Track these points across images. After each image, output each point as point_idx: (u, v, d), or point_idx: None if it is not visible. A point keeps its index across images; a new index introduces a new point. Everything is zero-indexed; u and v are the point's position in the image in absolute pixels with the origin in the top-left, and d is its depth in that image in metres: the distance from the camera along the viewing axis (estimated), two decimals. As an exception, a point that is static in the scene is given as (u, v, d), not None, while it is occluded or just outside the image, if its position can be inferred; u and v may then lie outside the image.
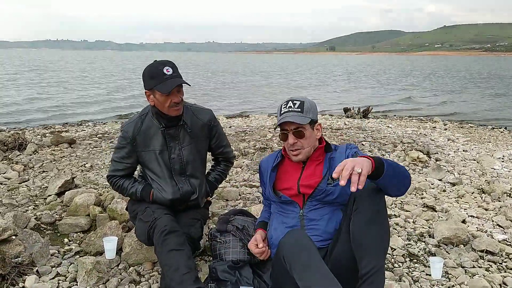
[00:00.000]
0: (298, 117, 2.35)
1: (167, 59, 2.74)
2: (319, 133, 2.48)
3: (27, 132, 8.37)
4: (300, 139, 2.39)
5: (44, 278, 2.69)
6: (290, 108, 2.38)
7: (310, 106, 2.41)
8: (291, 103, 2.40)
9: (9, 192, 4.42)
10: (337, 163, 2.29)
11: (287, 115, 2.37)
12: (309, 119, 2.37)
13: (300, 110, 2.37)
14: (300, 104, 2.39)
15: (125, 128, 2.84)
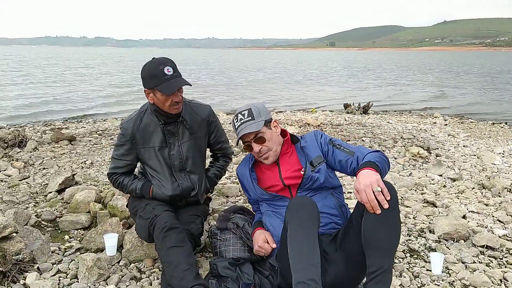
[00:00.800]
0: (252, 125, 2.44)
1: (166, 57, 2.72)
2: (278, 129, 2.56)
3: (27, 129, 8.37)
4: (263, 143, 2.47)
5: (45, 275, 2.70)
6: (241, 120, 2.48)
7: (258, 109, 2.51)
8: (240, 115, 2.50)
9: (9, 189, 4.42)
10: (310, 151, 2.49)
11: (241, 128, 2.47)
12: (262, 121, 2.47)
13: (250, 118, 2.46)
14: (248, 112, 2.48)
15: (124, 126, 2.83)
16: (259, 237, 2.56)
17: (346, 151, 2.42)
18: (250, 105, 2.53)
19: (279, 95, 18.59)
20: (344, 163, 2.43)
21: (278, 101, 16.14)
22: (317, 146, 2.51)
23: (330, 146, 2.48)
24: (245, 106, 2.53)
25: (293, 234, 2.07)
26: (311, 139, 2.55)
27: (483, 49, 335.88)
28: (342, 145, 2.47)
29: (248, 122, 2.45)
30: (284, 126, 8.60)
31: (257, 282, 2.50)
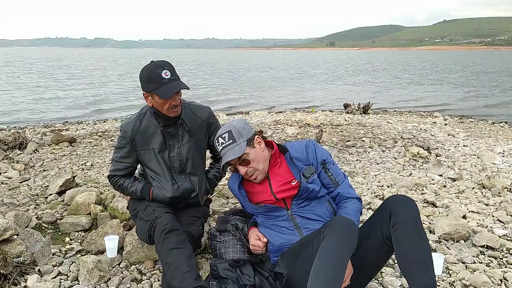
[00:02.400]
0: (235, 149, 2.36)
1: (164, 60, 2.73)
2: (262, 144, 2.46)
3: (28, 131, 8.37)
4: (249, 165, 2.40)
5: (46, 278, 2.70)
6: (223, 144, 2.39)
7: (238, 130, 2.40)
8: (220, 139, 2.41)
9: (10, 191, 4.42)
10: (301, 162, 2.44)
11: (223, 152, 2.40)
12: (244, 142, 2.38)
13: (231, 141, 2.37)
14: (229, 135, 2.39)
15: (124, 128, 2.84)
16: (251, 236, 2.58)
17: (332, 180, 2.45)
18: (229, 126, 2.43)
19: (280, 95, 18.60)
20: (326, 186, 2.46)
21: (278, 101, 16.15)
22: (307, 159, 2.45)
23: (320, 167, 2.45)
24: (225, 128, 2.43)
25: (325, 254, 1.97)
26: (301, 150, 2.47)
27: (483, 48, 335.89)
28: (331, 171, 2.45)
29: (230, 146, 2.37)
30: (284, 126, 8.61)
31: (258, 283, 2.49)
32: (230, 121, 2.46)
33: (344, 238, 1.99)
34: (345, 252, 1.97)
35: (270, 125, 8.82)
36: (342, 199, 2.43)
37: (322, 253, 1.98)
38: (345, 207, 2.37)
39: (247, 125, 2.47)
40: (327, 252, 1.97)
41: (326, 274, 1.91)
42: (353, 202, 2.40)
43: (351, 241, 2.01)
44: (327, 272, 1.91)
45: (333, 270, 1.92)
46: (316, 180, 2.43)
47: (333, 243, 1.99)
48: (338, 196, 2.44)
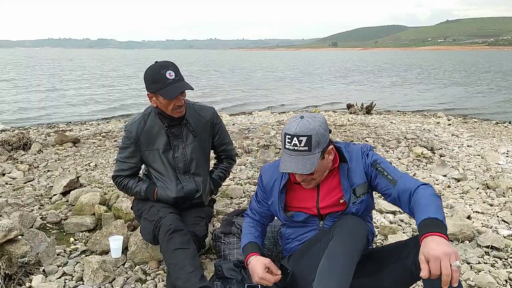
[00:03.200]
0: (306, 163, 1.96)
1: (169, 60, 2.73)
2: (331, 156, 2.09)
3: (31, 132, 8.39)
4: (311, 175, 2.06)
5: (51, 278, 2.71)
6: (295, 147, 1.96)
7: (319, 137, 1.97)
8: (296, 140, 1.96)
9: (14, 191, 4.44)
10: (356, 174, 2.14)
11: (291, 159, 1.98)
12: (319, 154, 1.98)
13: (307, 149, 1.96)
14: (307, 140, 1.95)
15: (129, 128, 2.85)
16: (256, 266, 2.19)
17: (389, 179, 2.08)
18: (311, 129, 1.95)
19: (283, 95, 18.59)
20: (384, 190, 2.12)
21: (281, 101, 16.14)
22: (363, 169, 2.15)
23: (373, 170, 2.13)
24: (305, 129, 1.95)
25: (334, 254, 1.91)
26: (357, 159, 2.15)
27: (486, 48, 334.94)
28: (385, 170, 2.11)
29: (302, 155, 1.96)
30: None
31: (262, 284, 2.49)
32: (311, 119, 1.98)
33: (353, 238, 1.94)
34: (354, 252, 1.93)
35: (273, 126, 8.81)
36: (407, 196, 1.99)
37: (330, 252, 1.93)
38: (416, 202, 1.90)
39: (326, 130, 2.03)
40: (336, 252, 1.92)
41: (334, 274, 1.87)
42: (420, 190, 1.94)
43: (361, 241, 1.96)
44: (335, 272, 1.87)
45: (341, 271, 1.88)
46: (365, 202, 2.18)
47: (342, 243, 1.93)
48: (399, 195, 2.03)
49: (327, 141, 2.03)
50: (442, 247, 1.60)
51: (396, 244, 2.18)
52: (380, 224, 3.54)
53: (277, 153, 6.03)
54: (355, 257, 1.93)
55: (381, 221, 3.64)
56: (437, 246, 1.61)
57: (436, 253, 1.58)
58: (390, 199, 2.11)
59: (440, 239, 1.64)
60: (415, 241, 1.89)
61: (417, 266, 1.80)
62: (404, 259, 1.97)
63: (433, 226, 1.71)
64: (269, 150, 6.07)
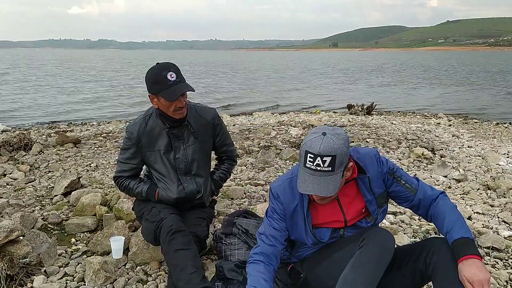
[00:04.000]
0: (328, 184, 1.86)
1: (170, 61, 2.73)
2: (349, 173, 2.00)
3: (32, 132, 8.39)
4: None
5: (52, 278, 2.71)
6: (318, 167, 1.83)
7: (342, 157, 1.85)
8: (319, 160, 1.82)
9: (15, 192, 4.45)
10: (376, 185, 2.10)
11: (313, 179, 1.86)
12: (340, 173, 1.87)
13: (330, 169, 1.83)
14: (331, 160, 1.82)
15: (130, 129, 2.85)
16: None
17: (408, 187, 2.11)
18: (336, 150, 1.82)
19: (283, 96, 18.59)
20: (401, 197, 2.15)
21: (282, 102, 16.15)
22: (381, 178, 2.11)
23: (390, 178, 2.11)
24: (329, 148, 1.81)
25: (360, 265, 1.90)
26: (372, 167, 2.09)
27: (486, 49, 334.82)
28: (402, 178, 2.12)
29: (324, 175, 1.85)
30: (287, 127, 8.61)
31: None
32: (335, 137, 1.84)
33: (382, 251, 1.93)
34: (381, 265, 1.92)
35: (274, 126, 8.82)
36: (427, 204, 2.10)
37: (357, 263, 1.91)
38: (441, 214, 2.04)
39: (348, 148, 1.91)
40: (363, 264, 1.90)
41: (359, 285, 1.86)
42: (442, 201, 2.08)
43: (389, 255, 1.95)
44: (361, 284, 1.86)
45: (367, 283, 1.87)
46: (384, 212, 2.19)
47: (371, 255, 1.92)
48: (420, 203, 2.11)
49: (347, 157, 1.91)
50: (485, 273, 1.79)
51: (406, 247, 2.22)
52: (380, 225, 3.54)
53: (278, 154, 6.03)
54: (381, 270, 1.93)
55: (382, 221, 3.64)
56: (480, 272, 1.78)
57: (480, 279, 1.77)
58: (407, 205, 2.18)
59: (480, 263, 1.81)
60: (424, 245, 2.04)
61: (428, 267, 1.94)
62: (414, 262, 2.02)
63: (470, 248, 1.86)
64: (269, 151, 6.08)
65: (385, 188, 2.14)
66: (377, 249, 1.94)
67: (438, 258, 1.93)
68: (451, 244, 1.92)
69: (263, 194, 4.35)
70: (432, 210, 2.09)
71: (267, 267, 2.07)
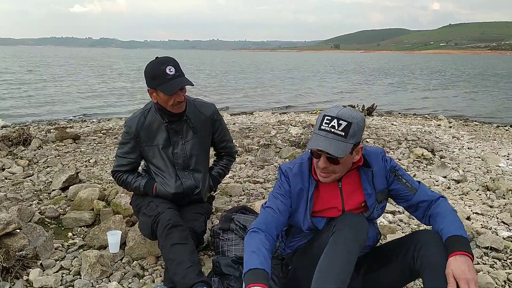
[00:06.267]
0: (337, 147, 1.89)
1: (169, 56, 2.72)
2: (358, 156, 2.06)
3: (32, 128, 8.38)
4: (334, 165, 1.99)
5: (48, 271, 2.70)
6: (333, 129, 1.90)
7: (358, 127, 1.93)
8: (335, 122, 1.90)
9: (13, 186, 4.43)
10: (379, 181, 2.14)
11: (324, 139, 1.91)
12: (351, 145, 1.92)
13: (343, 135, 1.89)
14: (347, 126, 1.89)
15: (128, 124, 2.84)
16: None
17: (408, 186, 2.13)
18: (353, 117, 1.91)
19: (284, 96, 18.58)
20: (400, 196, 2.16)
21: (282, 102, 16.14)
22: (384, 175, 2.15)
23: (391, 175, 2.14)
24: (347, 115, 1.92)
25: (334, 251, 1.90)
26: (378, 163, 2.14)
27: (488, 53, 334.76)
28: (404, 177, 2.15)
29: (336, 137, 1.90)
30: (287, 127, 8.60)
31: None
32: (353, 110, 1.99)
33: (354, 235, 1.93)
34: (354, 250, 1.91)
35: (274, 125, 8.81)
36: (426, 205, 2.11)
37: (330, 250, 1.92)
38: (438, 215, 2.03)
39: (363, 127, 2.01)
40: (336, 249, 1.91)
41: (333, 272, 1.86)
42: (441, 203, 2.08)
43: (361, 238, 1.95)
44: (334, 270, 1.86)
45: (341, 268, 1.86)
46: (383, 208, 2.21)
47: (343, 240, 1.91)
48: (419, 203, 2.12)
49: (360, 136, 1.98)
50: (474, 273, 1.77)
51: (394, 242, 2.21)
52: (379, 224, 3.53)
53: (277, 153, 6.02)
54: (355, 255, 1.92)
55: (381, 220, 3.63)
56: (469, 271, 1.76)
57: (468, 278, 1.75)
58: (405, 205, 2.18)
59: (471, 263, 1.80)
60: (412, 238, 2.04)
61: (415, 262, 1.91)
62: (402, 257, 2.00)
63: (463, 245, 1.84)
64: (269, 149, 6.07)
65: (387, 186, 2.16)
66: (349, 234, 1.93)
67: (426, 252, 1.92)
68: (446, 239, 1.89)
69: (262, 191, 4.34)
70: (432, 210, 2.08)
71: (268, 237, 2.03)
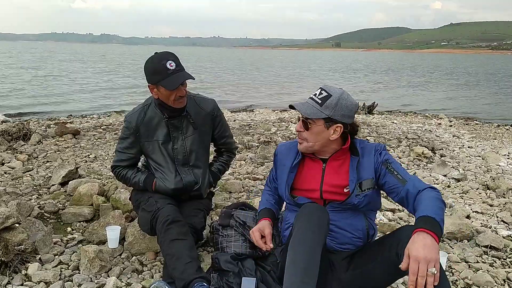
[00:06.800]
0: (310, 109, 2.10)
1: (168, 51, 2.71)
2: (335, 136, 2.14)
3: (32, 123, 8.39)
4: (306, 130, 2.16)
5: (47, 266, 2.69)
6: (314, 96, 2.14)
7: (336, 104, 2.09)
8: (319, 91, 2.14)
9: (13, 181, 4.43)
10: (365, 170, 2.17)
11: (304, 103, 2.14)
12: (324, 115, 2.08)
13: (319, 103, 2.10)
14: (325, 97, 2.10)
15: (128, 119, 2.83)
16: (256, 232, 2.33)
17: (399, 178, 2.11)
18: (335, 93, 2.11)
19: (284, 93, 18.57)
20: (391, 189, 2.14)
21: (283, 99, 16.12)
22: (373, 166, 2.18)
23: (383, 168, 2.16)
24: (332, 90, 2.13)
25: (295, 244, 1.93)
26: (369, 155, 2.20)
27: (489, 52, 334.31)
28: (396, 169, 2.15)
29: (313, 103, 2.11)
30: (288, 124, 8.59)
31: (259, 277, 2.48)
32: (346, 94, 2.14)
33: (313, 224, 1.94)
34: (316, 237, 1.93)
35: (274, 123, 8.80)
36: (413, 196, 2.03)
37: (293, 242, 1.95)
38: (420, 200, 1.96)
39: (346, 112, 2.12)
40: (298, 241, 1.93)
41: (299, 263, 1.88)
42: (427, 191, 1.99)
43: (321, 226, 1.96)
44: (300, 261, 1.89)
45: (306, 259, 1.89)
46: (369, 197, 2.19)
47: (303, 230, 1.94)
48: (407, 194, 2.06)
49: (340, 119, 2.11)
50: (426, 251, 1.66)
51: (380, 239, 2.20)
52: (379, 222, 3.52)
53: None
54: (318, 241, 1.93)
55: (380, 218, 3.62)
56: (422, 249, 1.67)
57: (418, 256, 1.66)
58: (397, 198, 2.13)
59: (431, 240, 1.70)
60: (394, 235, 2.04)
61: (399, 258, 1.84)
62: (387, 254, 1.99)
63: (429, 224, 1.76)
64: (269, 146, 6.06)
65: (374, 177, 2.17)
66: (306, 222, 1.95)
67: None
68: (415, 220, 1.84)
69: (262, 188, 4.32)
70: (416, 201, 2.00)
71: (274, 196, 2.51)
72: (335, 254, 2.22)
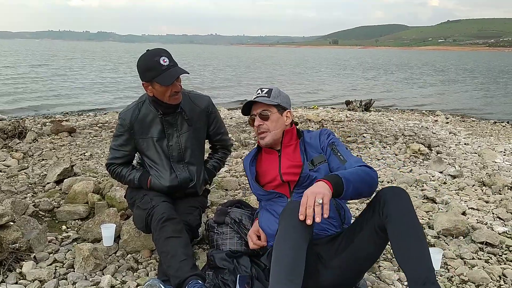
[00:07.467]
0: (264, 100, 2.42)
1: (160, 47, 2.69)
2: (288, 120, 2.49)
3: (27, 121, 8.34)
4: (265, 121, 2.41)
5: (42, 264, 2.68)
6: (259, 94, 2.46)
7: (279, 93, 2.48)
8: (260, 90, 2.49)
9: (8, 179, 4.41)
10: (312, 149, 2.42)
11: (254, 98, 2.46)
12: (275, 103, 2.43)
13: (267, 96, 2.44)
14: (268, 91, 2.47)
15: (123, 116, 2.81)
16: (252, 235, 2.53)
17: (341, 159, 2.31)
18: (274, 87, 2.51)
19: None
20: (334, 169, 2.31)
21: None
22: (319, 146, 2.42)
23: (328, 149, 2.38)
24: (270, 86, 2.53)
25: (280, 242, 1.97)
26: (316, 137, 2.46)
27: (486, 49, 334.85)
28: (340, 152, 2.35)
29: (262, 97, 2.43)
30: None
31: (254, 274, 2.47)
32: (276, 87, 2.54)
33: (296, 220, 1.94)
34: (300, 234, 1.95)
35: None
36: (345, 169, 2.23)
37: (277, 240, 1.99)
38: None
39: (288, 99, 2.55)
40: (281, 238, 1.97)
41: (283, 261, 1.91)
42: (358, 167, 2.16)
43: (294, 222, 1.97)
44: (284, 258, 1.92)
45: (290, 256, 1.91)
46: (323, 170, 2.33)
47: (286, 228, 1.98)
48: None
49: (287, 105, 2.50)
50: (314, 187, 1.91)
51: (356, 218, 2.26)
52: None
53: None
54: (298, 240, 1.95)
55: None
56: (312, 188, 1.92)
57: (307, 192, 1.90)
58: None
59: (322, 183, 1.94)
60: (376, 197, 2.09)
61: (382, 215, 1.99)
62: (371, 217, 2.07)
63: (330, 177, 1.99)
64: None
65: (322, 152, 2.40)
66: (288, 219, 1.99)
67: (389, 205, 1.98)
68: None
69: (258, 186, 4.32)
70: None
71: None
72: (318, 243, 2.24)
